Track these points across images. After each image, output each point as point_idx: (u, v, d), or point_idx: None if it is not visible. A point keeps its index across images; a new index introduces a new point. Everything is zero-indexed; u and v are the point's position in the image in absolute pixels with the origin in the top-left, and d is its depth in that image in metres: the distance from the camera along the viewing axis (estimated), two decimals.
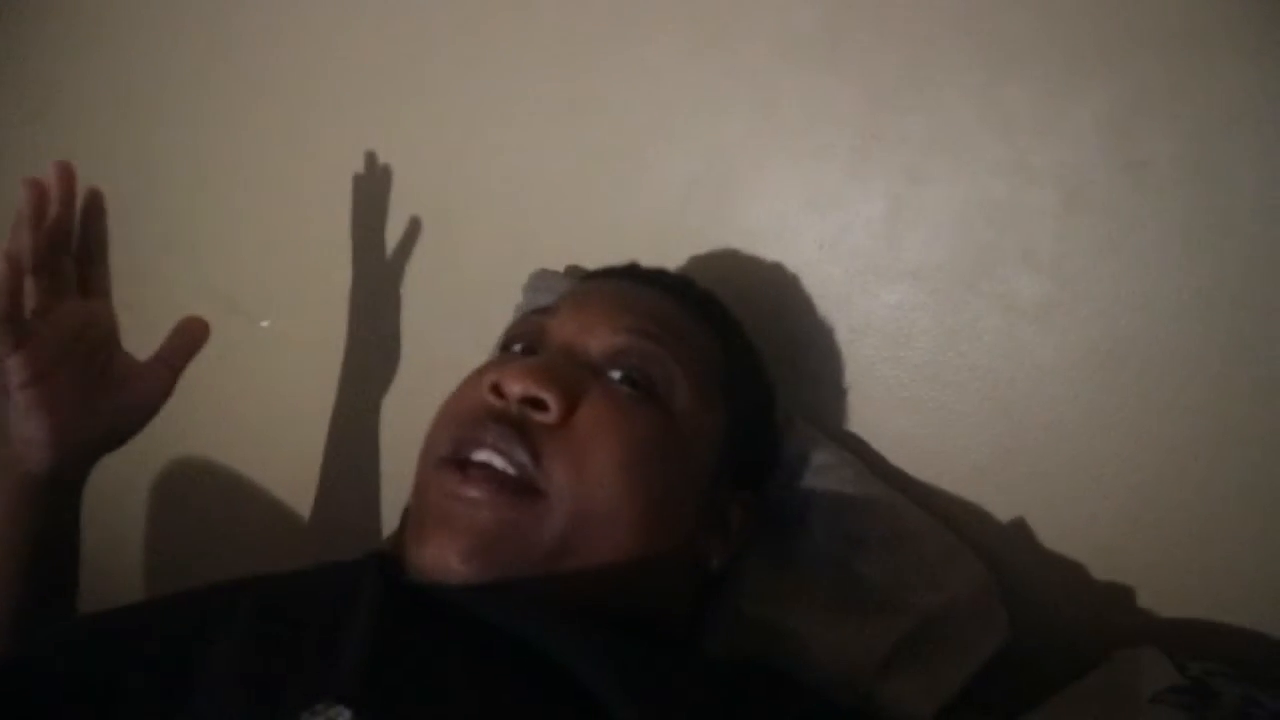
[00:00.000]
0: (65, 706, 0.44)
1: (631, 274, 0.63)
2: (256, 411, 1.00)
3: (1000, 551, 0.63)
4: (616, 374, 0.53)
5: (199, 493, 1.03)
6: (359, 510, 0.91)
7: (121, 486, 1.05)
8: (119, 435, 0.64)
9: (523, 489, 0.49)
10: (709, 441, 0.55)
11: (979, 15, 0.61)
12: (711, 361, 0.57)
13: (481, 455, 0.50)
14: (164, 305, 1.02)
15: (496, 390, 0.51)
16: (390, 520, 0.86)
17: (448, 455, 0.51)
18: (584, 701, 0.41)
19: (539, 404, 0.50)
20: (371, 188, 0.88)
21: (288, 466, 0.97)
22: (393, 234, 0.88)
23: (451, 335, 0.85)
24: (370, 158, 0.87)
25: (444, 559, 0.48)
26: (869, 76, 0.65)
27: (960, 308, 0.64)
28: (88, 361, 0.60)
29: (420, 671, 0.42)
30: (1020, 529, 0.64)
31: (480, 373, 0.54)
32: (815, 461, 0.64)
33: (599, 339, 0.54)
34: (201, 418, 1.02)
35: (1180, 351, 0.59)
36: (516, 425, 0.49)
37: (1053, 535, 0.63)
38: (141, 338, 1.05)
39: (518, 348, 0.57)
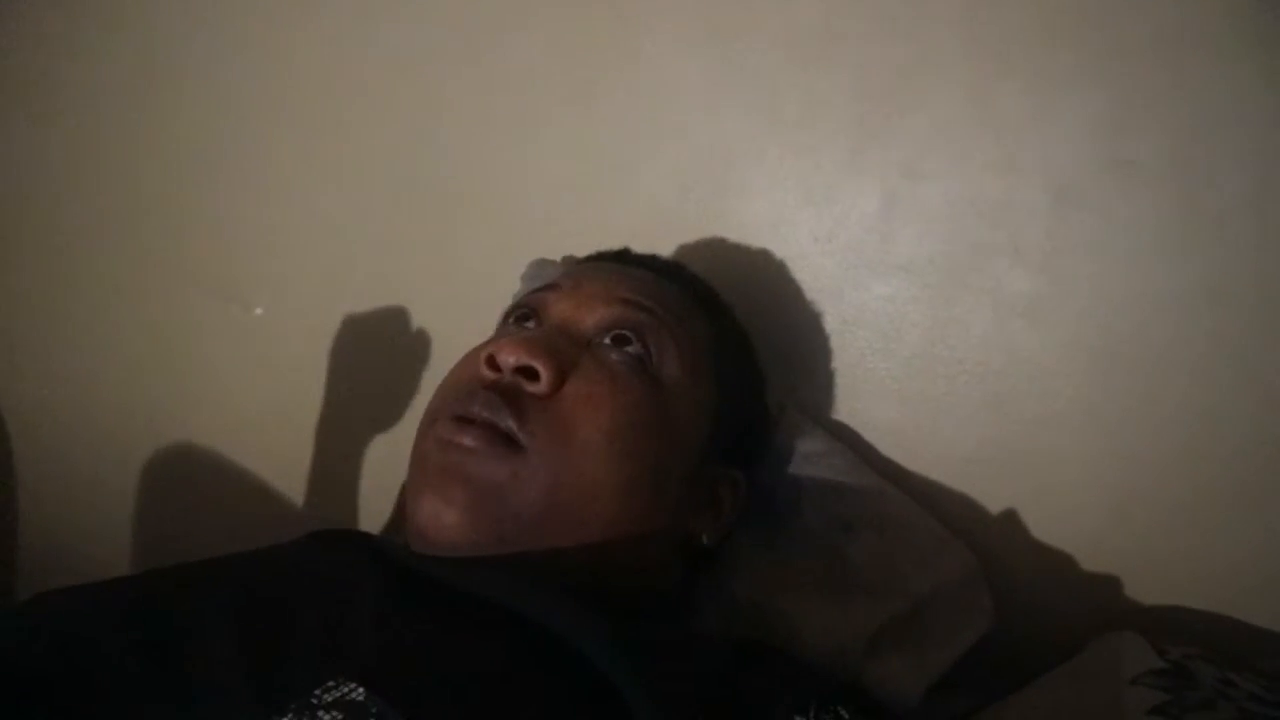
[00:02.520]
0: (46, 690, 0.40)
1: (625, 257, 0.65)
2: (249, 399, 1.00)
3: (987, 539, 0.64)
4: (607, 339, 0.54)
5: (190, 480, 1.03)
6: (351, 498, 0.91)
7: (112, 472, 1.05)
8: None
9: (505, 439, 0.50)
10: (699, 415, 0.56)
11: (975, 16, 0.63)
12: (702, 339, 0.58)
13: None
14: (158, 292, 1.03)
15: (491, 362, 0.52)
16: (382, 509, 0.86)
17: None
18: (586, 673, 0.42)
19: (531, 373, 0.51)
20: (367, 178, 0.88)
21: (280, 454, 0.97)
22: (388, 223, 0.88)
23: (447, 324, 0.86)
24: (367, 148, 0.88)
25: (438, 515, 0.49)
26: (866, 73, 0.66)
27: (951, 302, 0.65)
28: None
29: (427, 647, 0.42)
30: (1007, 518, 0.65)
31: (477, 349, 0.56)
32: (807, 449, 0.65)
33: (593, 313, 0.56)
34: (194, 404, 1.02)
35: (1165, 346, 0.60)
36: (506, 394, 0.51)
37: (1038, 525, 0.65)
38: (138, 324, 1.05)
39: (515, 321, 0.58)
